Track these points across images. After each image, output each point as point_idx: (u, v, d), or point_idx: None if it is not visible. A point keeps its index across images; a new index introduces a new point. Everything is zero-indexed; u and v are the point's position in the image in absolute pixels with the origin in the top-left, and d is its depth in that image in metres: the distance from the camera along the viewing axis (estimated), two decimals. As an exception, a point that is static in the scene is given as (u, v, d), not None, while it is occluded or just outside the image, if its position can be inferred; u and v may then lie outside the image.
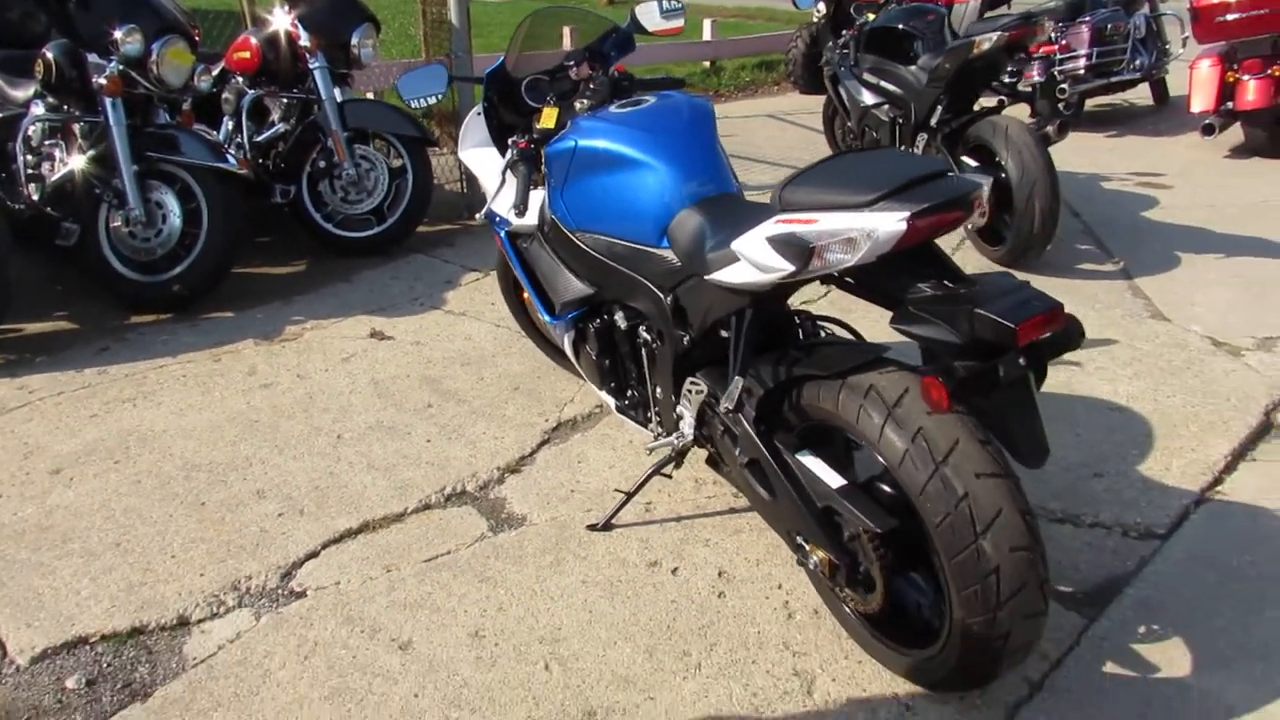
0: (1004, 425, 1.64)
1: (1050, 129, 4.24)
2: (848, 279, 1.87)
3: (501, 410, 3.16)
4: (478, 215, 2.73)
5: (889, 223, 1.60)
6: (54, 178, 3.92)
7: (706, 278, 2.00)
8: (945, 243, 4.30)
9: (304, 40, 4.36)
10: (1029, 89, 6.83)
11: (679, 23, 2.85)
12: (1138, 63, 7.06)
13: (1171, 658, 2.11)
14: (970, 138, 4.33)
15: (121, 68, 3.77)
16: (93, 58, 3.79)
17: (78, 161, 3.85)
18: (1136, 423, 3.04)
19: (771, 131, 6.95)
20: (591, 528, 2.54)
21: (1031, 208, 4.07)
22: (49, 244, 3.92)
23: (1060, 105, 6.91)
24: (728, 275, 1.92)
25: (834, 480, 1.88)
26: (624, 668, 2.08)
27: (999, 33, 3.97)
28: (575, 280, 2.47)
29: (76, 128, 3.92)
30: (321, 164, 4.46)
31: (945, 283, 1.71)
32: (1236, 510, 2.61)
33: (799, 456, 1.96)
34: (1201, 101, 6.07)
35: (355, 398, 3.23)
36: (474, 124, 2.82)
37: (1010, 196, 4.12)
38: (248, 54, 4.53)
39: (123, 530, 2.53)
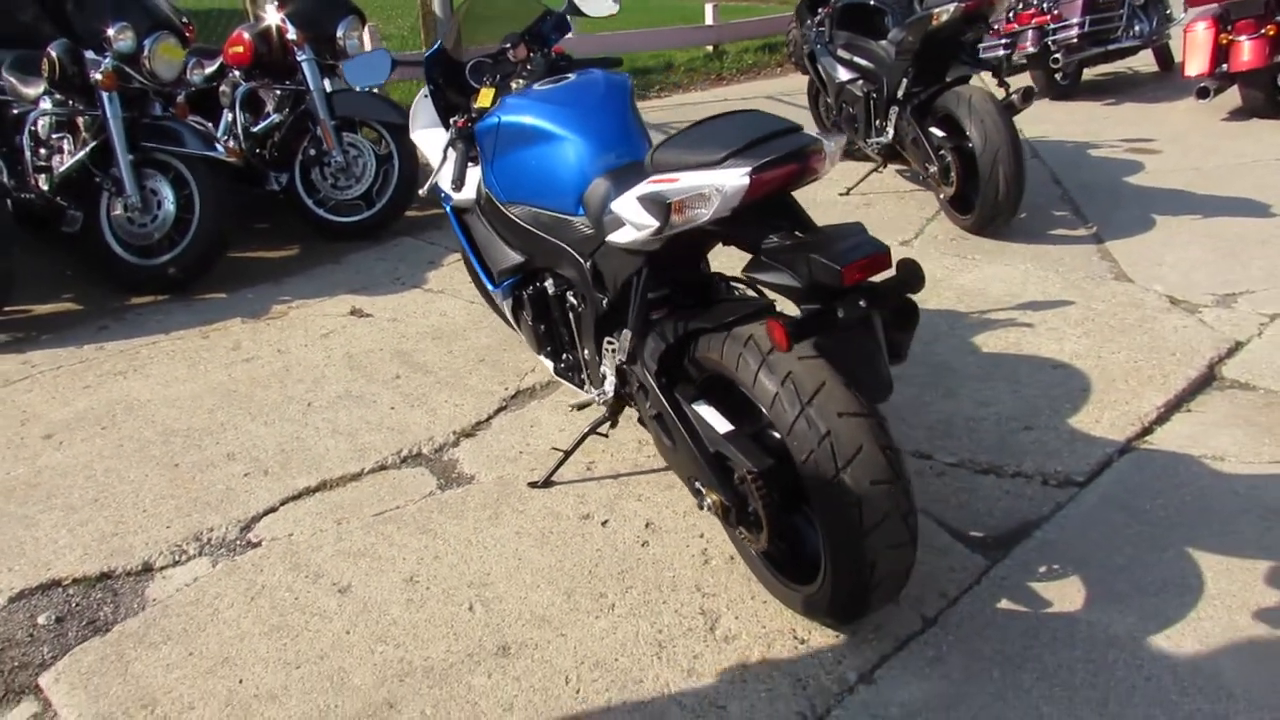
0: (847, 363, 1.76)
1: (1015, 97, 4.29)
2: (717, 232, 1.97)
3: (465, 380, 3.33)
4: (421, 191, 2.87)
5: (734, 178, 1.73)
6: (61, 169, 4.16)
7: (605, 240, 2.14)
8: (921, 213, 4.40)
9: (291, 34, 4.55)
10: (1023, 60, 6.86)
11: (614, 6, 2.96)
12: (1136, 29, 7.03)
13: (1066, 594, 2.21)
14: (938, 109, 4.39)
15: (116, 63, 3.98)
16: (91, 55, 4.01)
17: (81, 153, 4.07)
18: (1076, 378, 3.12)
19: (771, 112, 7.00)
20: (532, 485, 2.69)
21: (996, 175, 4.13)
22: (58, 231, 4.16)
23: (1056, 75, 6.93)
24: (618, 236, 2.05)
25: (722, 426, 2.01)
26: (542, 608, 2.23)
27: (956, 3, 4.03)
28: (509, 250, 2.62)
29: (80, 121, 4.15)
30: (312, 152, 4.65)
31: (796, 233, 1.83)
32: (1159, 458, 2.69)
33: (695, 406, 2.09)
34: (1196, 65, 6.04)
35: (329, 370, 3.42)
36: (422, 106, 2.97)
37: (976, 165, 4.19)
38: (241, 48, 4.73)
39: (101, 488, 2.74)
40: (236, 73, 4.82)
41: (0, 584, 2.37)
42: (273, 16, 4.69)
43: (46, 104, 4.23)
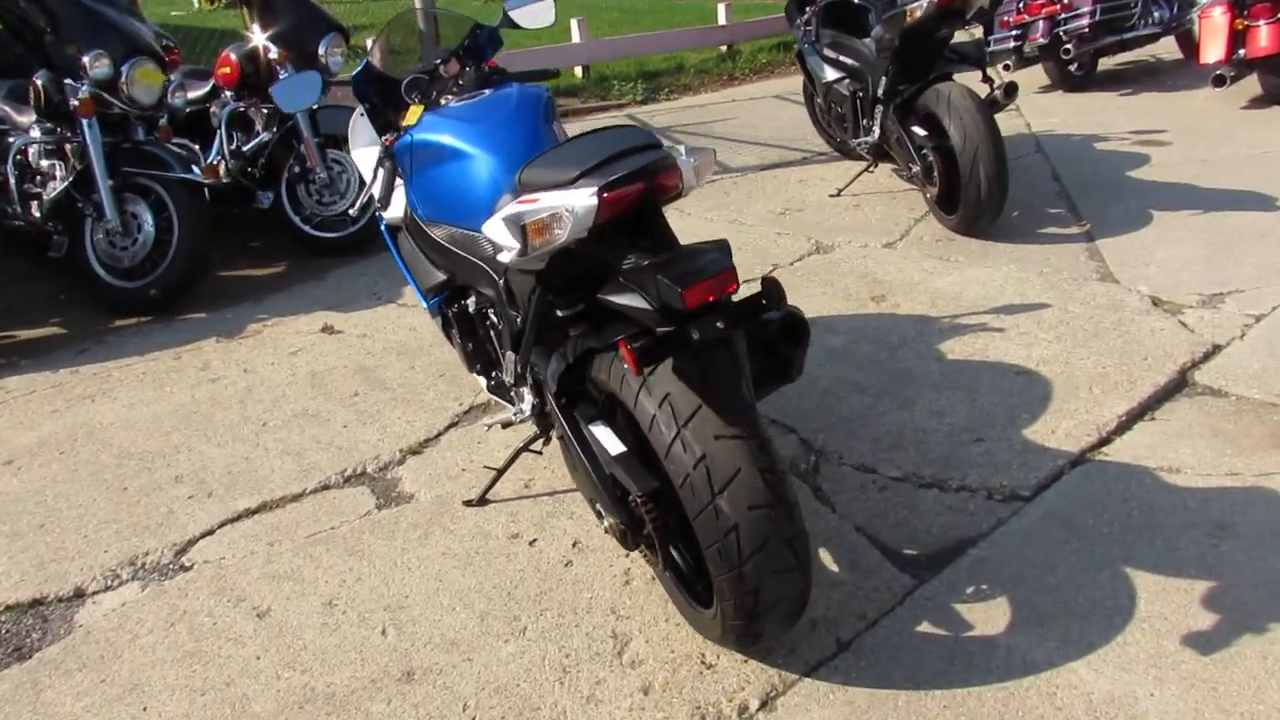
0: (705, 386, 1.71)
1: (997, 94, 4.17)
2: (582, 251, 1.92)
3: (421, 396, 3.32)
4: (351, 210, 2.87)
5: (583, 198, 1.69)
6: (49, 195, 4.25)
7: (497, 258, 2.11)
8: (910, 214, 4.30)
9: (274, 54, 4.60)
10: (1035, 51, 6.69)
11: (550, 18, 2.93)
12: (1155, 16, 6.81)
13: (991, 616, 2.13)
14: (920, 108, 4.30)
15: (93, 90, 4.05)
16: (71, 83, 4.09)
17: (65, 179, 4.16)
18: (1038, 386, 3.02)
19: (771, 112, 6.94)
20: (467, 503, 2.68)
21: (977, 174, 4.03)
22: (49, 257, 4.25)
23: (1070, 66, 6.75)
24: (502, 257, 2.02)
25: (615, 447, 1.97)
26: (454, 631, 2.21)
27: (930, -2, 3.94)
28: (433, 268, 2.60)
29: (68, 148, 4.24)
30: (297, 169, 4.70)
31: (656, 252, 1.78)
32: (1110, 470, 2.59)
33: (592, 427, 2.05)
34: (1213, 52, 5.84)
35: (290, 389, 3.44)
36: (360, 125, 2.97)
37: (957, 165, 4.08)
38: (229, 69, 4.79)
39: (49, 513, 2.78)
40: (228, 93, 4.89)
41: (-64, 610, 2.41)
42: (258, 37, 4.75)
43: (36, 132, 4.32)
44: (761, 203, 5.07)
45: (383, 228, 2.92)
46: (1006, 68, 6.98)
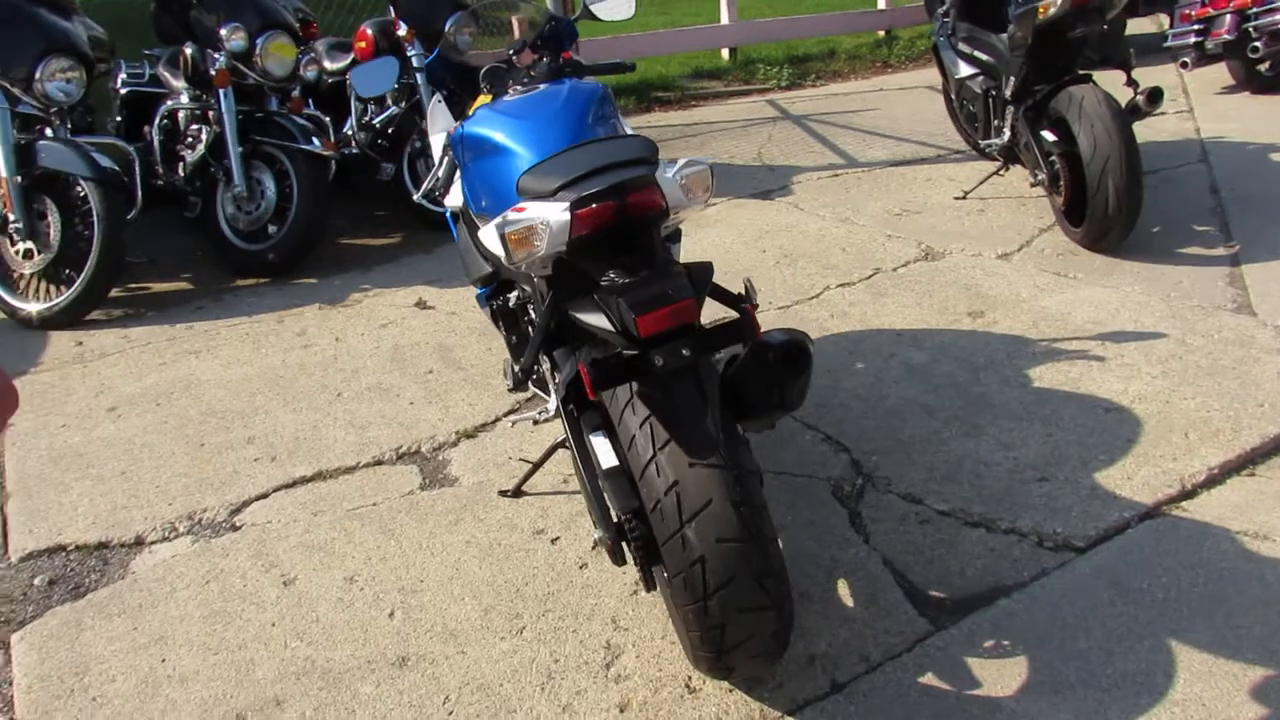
0: (666, 414, 1.64)
1: (1140, 99, 3.83)
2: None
3: (490, 380, 3.37)
4: (415, 196, 2.93)
5: (557, 212, 1.65)
6: (191, 158, 4.56)
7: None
8: (1037, 222, 4.04)
9: (402, 30, 4.73)
10: (1218, 48, 6.13)
11: (630, 10, 2.89)
12: (1366, 13, 6.08)
13: (1002, 676, 1.98)
14: (1052, 111, 4.00)
15: (229, 61, 4.29)
16: (211, 53, 4.35)
17: (201, 144, 4.45)
18: (1126, 425, 2.77)
19: (918, 104, 6.63)
20: (503, 493, 2.70)
21: (1105, 186, 3.72)
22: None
23: (1262, 66, 6.15)
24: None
25: (607, 461, 1.93)
26: (456, 622, 2.24)
27: (1065, -6, 3.64)
28: (481, 259, 2.62)
29: (210, 115, 4.52)
30: (418, 144, 4.84)
31: (635, 271, 1.72)
32: (1184, 529, 2.35)
33: (592, 437, 2.02)
34: None
35: (372, 360, 3.56)
36: (438, 110, 3.01)
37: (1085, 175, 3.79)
38: (364, 43, 4.98)
39: (132, 461, 2.99)
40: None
41: (18, 543, 2.64)
42: (392, 11, 4.90)
43: (184, 98, 4.63)
44: (880, 201, 4.86)
45: (447, 215, 2.97)
46: (1184, 65, 6.41)
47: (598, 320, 1.63)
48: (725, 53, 8.26)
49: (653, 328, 1.55)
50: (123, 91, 5.02)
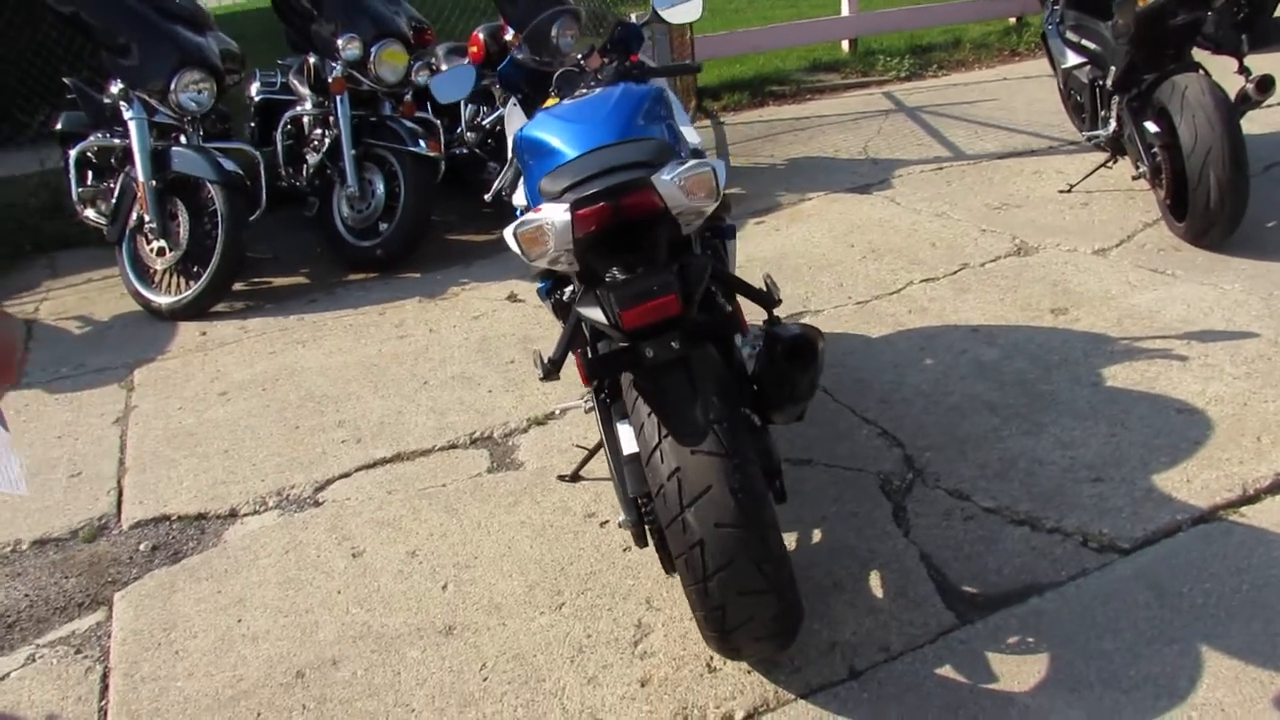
0: (658, 404, 1.71)
1: (1249, 88, 3.64)
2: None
3: (567, 370, 3.50)
4: (486, 196, 3.09)
5: (559, 214, 1.75)
6: (312, 160, 4.89)
7: None
8: (1142, 217, 3.91)
9: (509, 34, 4.94)
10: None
11: (698, 11, 2.97)
12: None
13: (1021, 672, 1.98)
14: (1155, 101, 3.85)
15: (345, 69, 4.58)
16: (330, 62, 4.66)
17: (322, 147, 4.77)
18: (1196, 427, 2.68)
19: (1038, 94, 6.41)
20: (561, 478, 2.82)
21: (1206, 179, 3.56)
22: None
23: None
24: None
25: (629, 447, 2.03)
26: (502, 596, 2.39)
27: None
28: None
29: (331, 119, 4.84)
30: (520, 144, 5.03)
31: (634, 268, 1.80)
32: (1238, 535, 2.27)
33: (619, 423, 2.12)
34: None
35: (459, 351, 3.76)
36: (514, 114, 3.16)
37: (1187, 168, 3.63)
38: (475, 48, 5.21)
39: (235, 441, 3.27)
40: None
41: (129, 513, 2.94)
42: (501, 17, 5.11)
43: (308, 105, 4.97)
44: (981, 195, 4.76)
45: (517, 212, 3.11)
46: (1236, 57, 5.97)
47: (594, 314, 1.73)
48: (845, 45, 8.18)
49: (636, 321, 1.63)
50: (256, 99, 5.41)
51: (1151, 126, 3.85)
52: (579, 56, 2.95)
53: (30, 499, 3.07)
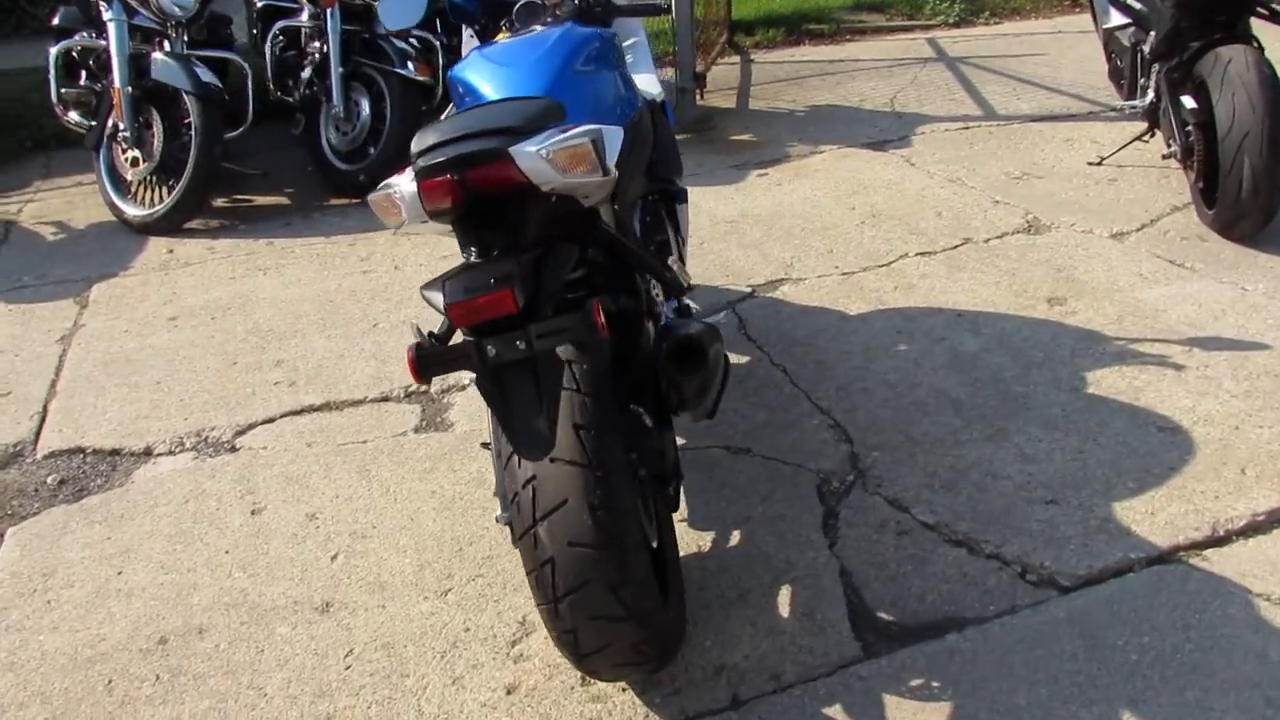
0: (500, 408, 1.52)
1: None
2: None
3: (522, 322, 3.32)
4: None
5: (408, 183, 1.54)
6: (304, 75, 4.68)
7: None
8: (1172, 199, 3.61)
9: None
10: None
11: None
12: None
13: (914, 718, 1.80)
14: (1196, 74, 3.48)
15: (336, -19, 4.34)
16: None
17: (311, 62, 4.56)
18: (1175, 450, 2.42)
19: (1091, 52, 5.91)
20: (485, 445, 2.65)
21: (1240, 165, 3.23)
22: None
23: None
24: None
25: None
26: (390, 575, 2.24)
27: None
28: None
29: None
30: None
31: (487, 252, 1.59)
32: (1195, 582, 2.04)
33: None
34: None
35: (418, 293, 3.57)
36: (468, 47, 2.92)
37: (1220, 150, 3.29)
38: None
39: (170, 372, 3.15)
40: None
41: (46, 442, 2.84)
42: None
43: (305, 16, 4.74)
44: (1003, 161, 4.42)
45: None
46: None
47: (436, 300, 1.53)
48: (894, -17, 7.70)
49: (463, 318, 1.43)
50: (259, 4, 5.19)
51: (1188, 101, 3.49)
52: (540, -14, 2.68)
53: (-47, 417, 2.98)
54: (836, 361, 2.94)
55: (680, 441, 2.63)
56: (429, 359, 1.46)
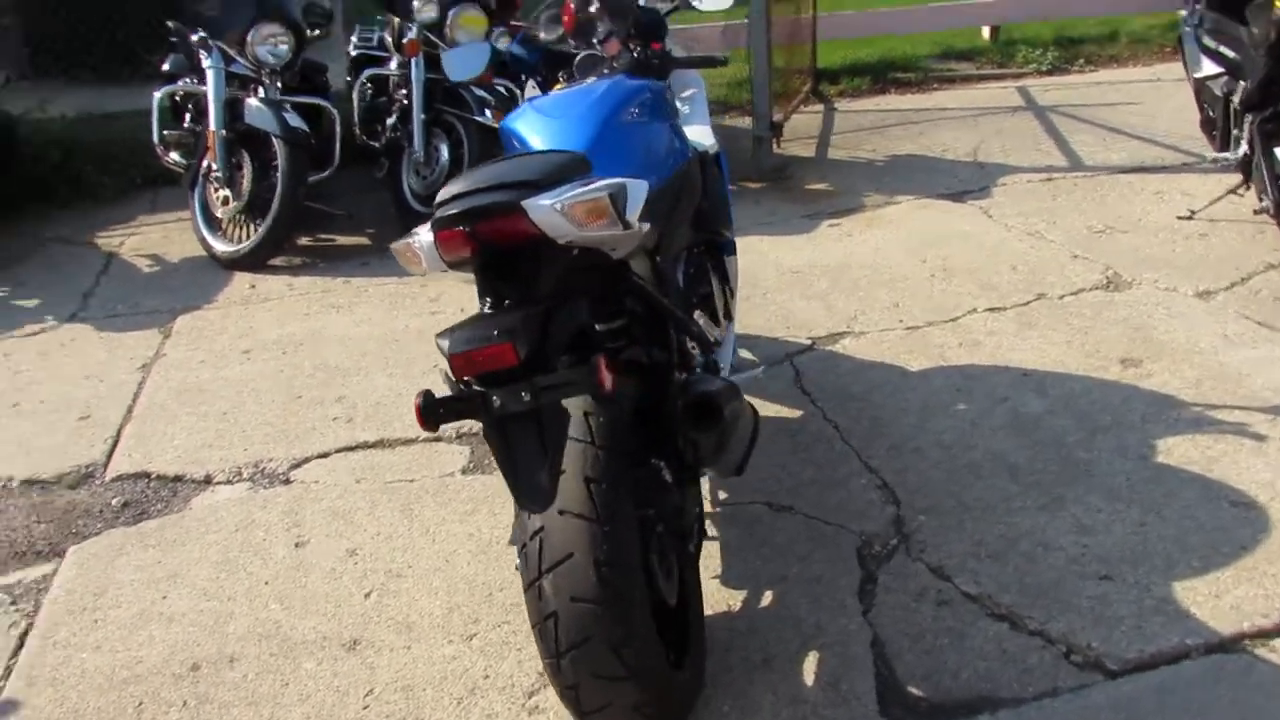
0: (504, 458, 1.50)
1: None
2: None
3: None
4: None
5: (426, 233, 1.56)
6: (390, 121, 4.85)
7: None
8: (1269, 256, 3.43)
9: (593, 7, 4.71)
10: None
11: (726, 1, 2.73)
12: None
13: (939, 806, 1.71)
14: (1291, 127, 3.32)
15: (421, 32, 4.49)
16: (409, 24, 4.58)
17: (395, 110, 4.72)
18: (1249, 528, 2.28)
19: (1189, 101, 5.74)
20: (526, 489, 2.67)
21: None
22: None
23: None
24: None
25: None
26: (419, 616, 2.25)
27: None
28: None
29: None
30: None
31: (499, 304, 1.59)
32: (1259, 676, 1.90)
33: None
34: None
35: (481, 333, 3.63)
36: (530, 97, 2.97)
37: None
38: (567, 16, 5.01)
39: (236, 403, 3.25)
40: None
41: (117, 465, 2.95)
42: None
43: (393, 64, 4.92)
44: (1087, 214, 4.27)
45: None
46: None
47: (444, 348, 1.54)
48: (986, 31, 7.57)
49: (463, 370, 1.43)
50: (353, 54, 5.41)
51: (1283, 156, 3.33)
52: (595, 40, 2.72)
53: (38, 436, 3.13)
54: (891, 419, 2.86)
55: (722, 496, 2.60)
56: (435, 407, 1.47)
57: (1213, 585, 2.12)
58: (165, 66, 5.06)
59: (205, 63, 4.40)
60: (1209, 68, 3.93)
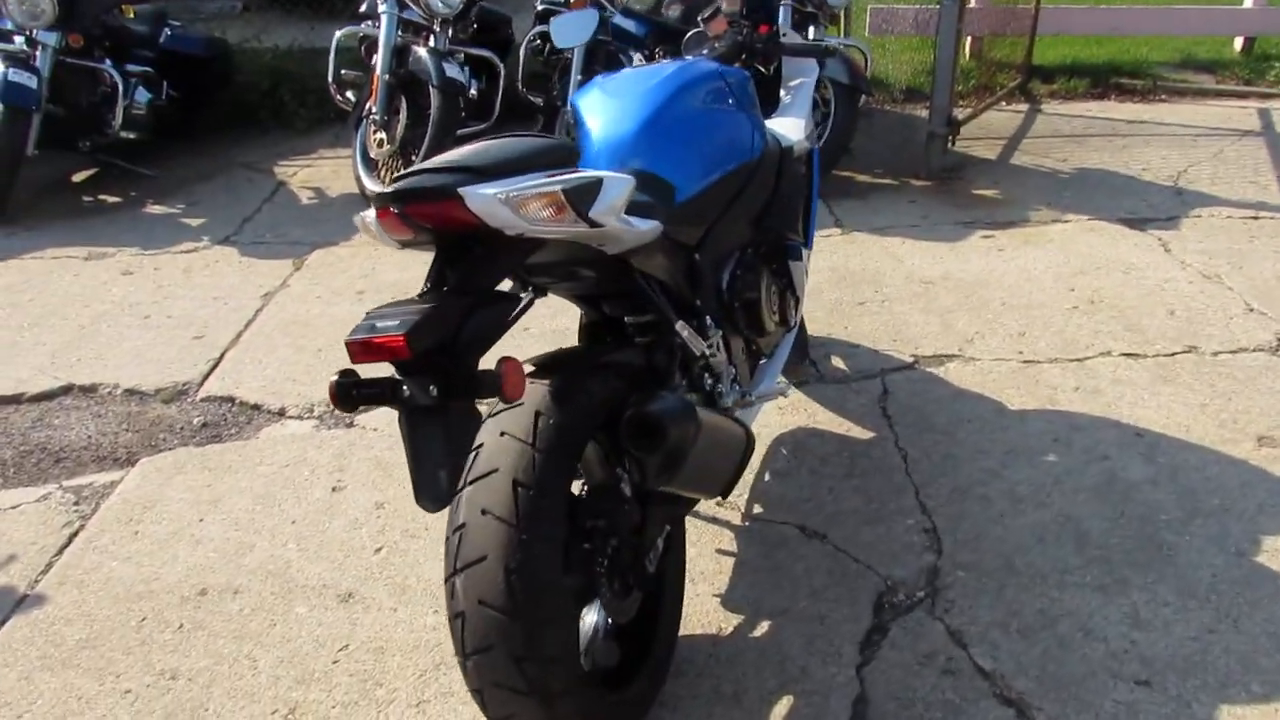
0: (409, 451, 1.43)
1: None
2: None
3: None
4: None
5: (372, 210, 1.50)
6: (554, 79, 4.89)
7: None
8: None
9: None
10: None
11: None
12: None
13: None
14: None
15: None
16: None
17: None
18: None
19: None
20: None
21: None
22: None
23: None
24: None
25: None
26: (416, 580, 2.26)
27: None
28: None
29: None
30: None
31: (428, 291, 1.51)
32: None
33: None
34: None
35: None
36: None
37: None
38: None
39: (332, 342, 3.37)
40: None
41: (212, 386, 3.14)
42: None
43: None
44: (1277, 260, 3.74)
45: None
46: None
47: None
48: (1238, 43, 6.76)
49: (356, 355, 1.37)
50: (539, 7, 5.46)
51: None
52: (701, 17, 2.60)
53: (153, 348, 3.37)
54: (967, 459, 2.61)
55: (756, 511, 2.46)
56: (349, 389, 1.43)
57: (1267, 715, 1.80)
58: (363, 8, 5.28)
59: (380, 7, 4.56)
60: None
